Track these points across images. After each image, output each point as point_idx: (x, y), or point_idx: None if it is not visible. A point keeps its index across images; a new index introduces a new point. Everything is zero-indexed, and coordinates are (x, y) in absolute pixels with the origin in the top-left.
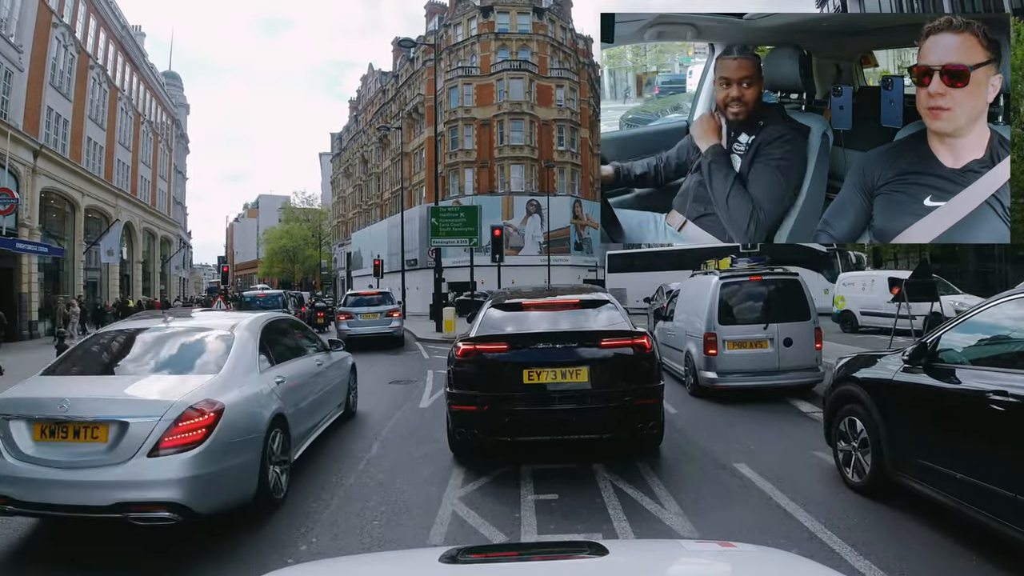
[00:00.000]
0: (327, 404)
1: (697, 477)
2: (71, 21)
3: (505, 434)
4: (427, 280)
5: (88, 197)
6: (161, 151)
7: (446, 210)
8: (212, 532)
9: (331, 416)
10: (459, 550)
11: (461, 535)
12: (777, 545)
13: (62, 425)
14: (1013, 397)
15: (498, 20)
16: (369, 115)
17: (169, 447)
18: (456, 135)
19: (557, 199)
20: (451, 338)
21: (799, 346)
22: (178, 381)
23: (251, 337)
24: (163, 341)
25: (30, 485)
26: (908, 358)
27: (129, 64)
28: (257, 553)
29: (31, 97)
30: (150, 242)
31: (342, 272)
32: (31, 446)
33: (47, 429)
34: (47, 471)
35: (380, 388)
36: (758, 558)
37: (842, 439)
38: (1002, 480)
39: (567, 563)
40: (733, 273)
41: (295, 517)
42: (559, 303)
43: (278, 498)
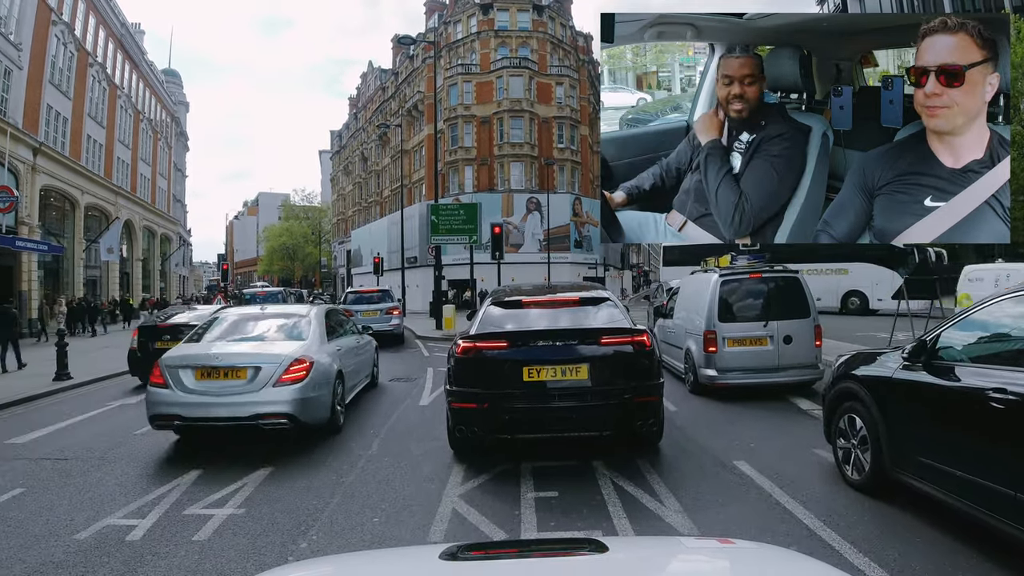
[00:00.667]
0: (362, 372)
1: (697, 474)
2: (70, 19)
3: (505, 431)
4: (427, 278)
5: (88, 195)
6: (161, 149)
7: (446, 208)
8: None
9: (364, 382)
10: (459, 547)
11: (461, 532)
12: (777, 542)
13: (216, 369)
14: (1012, 395)
15: (498, 17)
16: (369, 113)
17: (284, 381)
18: (456, 132)
19: (557, 196)
20: (451, 336)
21: (799, 344)
22: (284, 344)
23: (319, 319)
24: (266, 320)
25: (193, 407)
26: (908, 356)
27: (128, 62)
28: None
29: (30, 95)
30: (150, 240)
31: (342, 270)
32: (194, 383)
33: (205, 372)
34: (205, 398)
35: (380, 385)
36: (757, 555)
37: (842, 436)
38: (1001, 477)
39: (567, 560)
40: (733, 271)
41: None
42: (559, 300)
43: (339, 426)
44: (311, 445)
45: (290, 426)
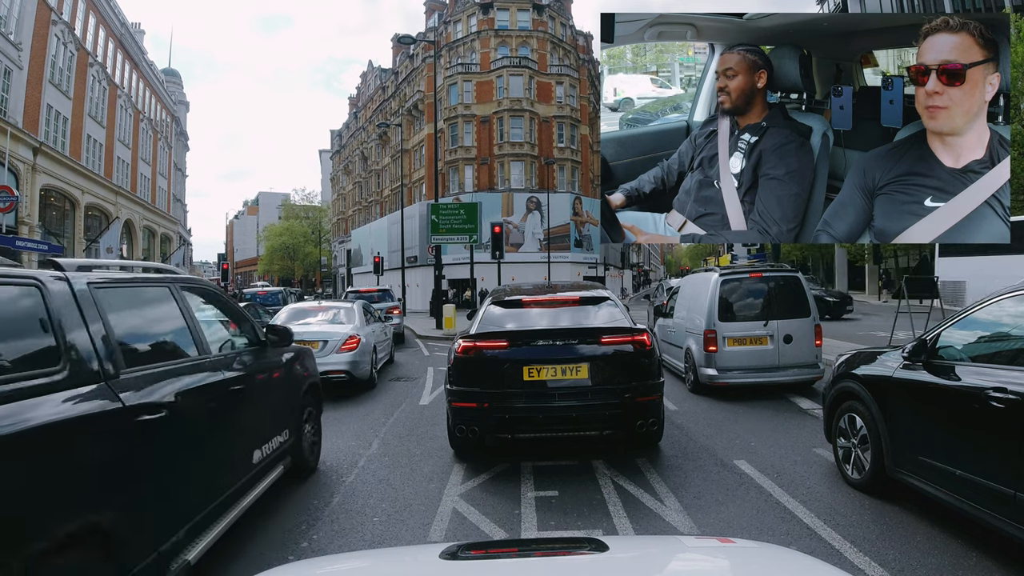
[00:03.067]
0: (386, 349)
1: (697, 474)
2: (70, 18)
3: (505, 431)
4: (427, 277)
5: (88, 194)
6: (161, 148)
7: (446, 207)
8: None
9: (386, 357)
10: (459, 546)
11: (461, 532)
12: (777, 541)
13: (299, 342)
14: (1013, 394)
15: (498, 17)
16: (369, 112)
17: (343, 350)
18: (456, 132)
19: (557, 196)
20: (451, 335)
21: (799, 343)
22: (340, 326)
23: (360, 308)
24: (323, 311)
25: None
26: (908, 355)
27: (128, 61)
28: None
29: (31, 94)
30: (150, 239)
31: (342, 269)
32: None
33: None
34: None
35: (380, 385)
36: (757, 554)
37: (842, 436)
38: (1001, 477)
39: (568, 559)
40: (733, 270)
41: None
42: (559, 300)
43: (376, 383)
44: None
45: (347, 379)
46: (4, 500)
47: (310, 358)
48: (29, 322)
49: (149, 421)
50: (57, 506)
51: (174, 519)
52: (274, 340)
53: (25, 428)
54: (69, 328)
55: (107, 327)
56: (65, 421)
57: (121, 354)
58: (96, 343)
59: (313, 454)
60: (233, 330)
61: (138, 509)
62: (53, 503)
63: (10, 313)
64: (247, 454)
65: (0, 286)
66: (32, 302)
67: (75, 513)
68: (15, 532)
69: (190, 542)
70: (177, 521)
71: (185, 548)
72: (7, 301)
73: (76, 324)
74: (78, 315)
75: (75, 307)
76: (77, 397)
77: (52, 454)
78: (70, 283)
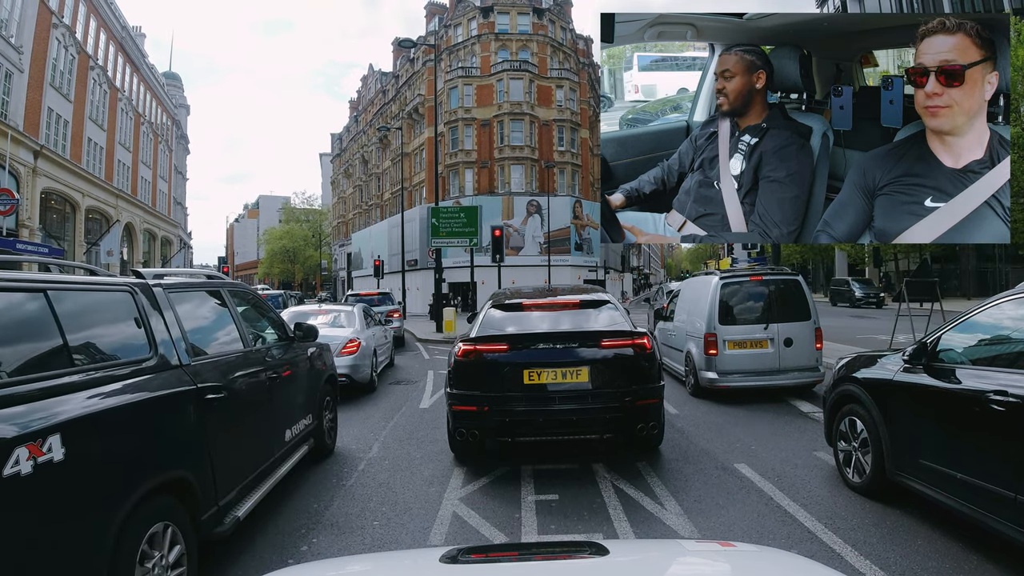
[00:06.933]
0: (386, 352)
1: (697, 477)
2: (71, 22)
3: (505, 434)
4: (427, 280)
5: (88, 198)
6: (161, 151)
7: (446, 210)
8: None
9: (386, 361)
10: (459, 550)
11: (461, 535)
12: (778, 545)
13: None
14: (1013, 397)
15: (498, 20)
16: (369, 115)
17: (343, 354)
18: (456, 135)
19: (557, 199)
20: (451, 338)
21: (799, 346)
22: (341, 329)
23: (360, 313)
24: (324, 314)
25: None
26: (908, 358)
27: (129, 65)
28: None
29: (31, 98)
30: (150, 243)
31: (342, 272)
32: None
33: None
34: None
35: (380, 389)
36: (758, 558)
37: (842, 439)
38: (1002, 480)
39: (568, 563)
40: (734, 273)
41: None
42: (559, 303)
43: (376, 387)
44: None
45: (347, 382)
46: (131, 449)
47: (328, 353)
48: (128, 320)
49: (213, 399)
50: (161, 457)
51: (231, 479)
52: (300, 336)
53: (145, 399)
54: (155, 324)
55: (180, 324)
56: (164, 396)
57: (190, 345)
58: (173, 336)
59: (331, 438)
60: (267, 327)
61: (206, 469)
62: (160, 454)
63: (116, 313)
64: (281, 432)
65: (107, 291)
66: (128, 305)
67: (170, 463)
68: (136, 472)
69: (240, 500)
70: (233, 480)
71: (236, 505)
72: (113, 303)
73: (159, 321)
74: (159, 314)
75: (157, 308)
76: (167, 377)
77: (157, 416)
78: (152, 289)
